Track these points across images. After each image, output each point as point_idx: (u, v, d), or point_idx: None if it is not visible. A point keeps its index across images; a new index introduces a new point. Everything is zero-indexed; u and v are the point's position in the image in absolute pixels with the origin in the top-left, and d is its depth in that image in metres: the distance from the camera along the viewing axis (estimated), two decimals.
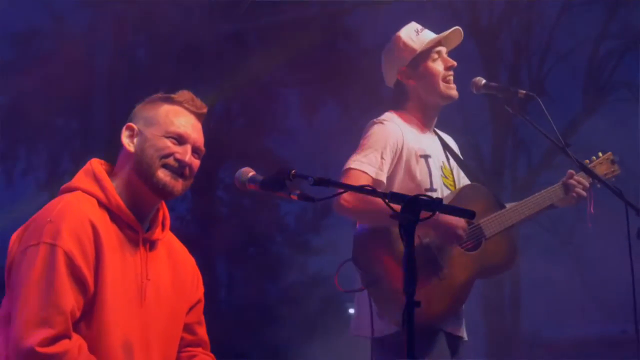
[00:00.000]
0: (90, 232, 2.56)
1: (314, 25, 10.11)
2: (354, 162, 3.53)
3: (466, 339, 3.68)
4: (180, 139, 2.72)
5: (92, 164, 2.74)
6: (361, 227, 3.54)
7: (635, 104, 11.29)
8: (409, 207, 2.41)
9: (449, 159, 3.82)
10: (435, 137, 3.81)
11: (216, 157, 10.65)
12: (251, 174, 2.66)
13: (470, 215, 2.57)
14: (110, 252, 2.60)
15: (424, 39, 3.71)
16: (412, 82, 3.70)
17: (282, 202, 11.37)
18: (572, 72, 11.81)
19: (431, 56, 3.70)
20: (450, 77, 3.71)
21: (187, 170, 2.72)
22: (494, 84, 3.72)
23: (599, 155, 3.92)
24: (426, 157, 3.66)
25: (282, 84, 11.86)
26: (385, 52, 3.81)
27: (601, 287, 10.34)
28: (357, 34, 11.40)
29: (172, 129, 2.71)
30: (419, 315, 2.32)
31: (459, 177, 3.83)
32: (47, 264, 2.49)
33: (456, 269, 3.51)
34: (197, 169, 2.76)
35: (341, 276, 3.49)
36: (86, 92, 9.75)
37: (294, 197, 2.56)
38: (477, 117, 10.83)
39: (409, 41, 3.71)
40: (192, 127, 2.75)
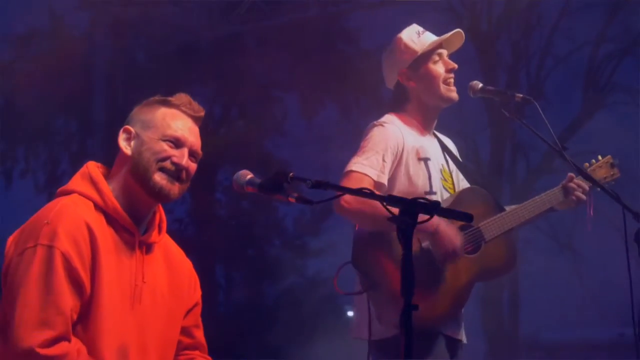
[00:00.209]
0: (86, 235, 2.56)
1: (313, 27, 10.09)
2: (355, 165, 3.53)
3: (465, 342, 3.68)
4: (177, 143, 2.72)
5: (89, 167, 2.74)
6: (360, 230, 3.54)
7: (634, 107, 11.29)
8: (407, 210, 2.42)
9: (448, 161, 3.82)
10: (434, 140, 3.81)
11: (215, 159, 10.64)
12: (249, 177, 2.66)
13: (468, 218, 2.57)
14: (106, 255, 2.60)
15: (425, 41, 3.71)
16: (412, 83, 3.70)
17: (281, 205, 11.36)
18: (571, 75, 11.80)
19: (432, 58, 3.70)
20: (450, 80, 3.71)
21: (183, 173, 2.72)
22: (491, 88, 3.72)
23: (599, 158, 3.92)
24: (426, 160, 3.66)
25: (281, 86, 11.84)
26: (385, 54, 3.80)
27: (599, 290, 10.34)
28: (357, 36, 11.39)
29: (169, 132, 2.71)
30: (418, 318, 2.32)
31: (458, 180, 3.83)
32: (44, 266, 2.49)
33: (456, 272, 3.50)
34: (194, 172, 2.76)
35: (340, 278, 3.49)
36: (85, 93, 9.74)
37: (292, 199, 2.56)
38: (476, 120, 10.82)
39: (410, 43, 3.71)
40: (189, 131, 2.75)
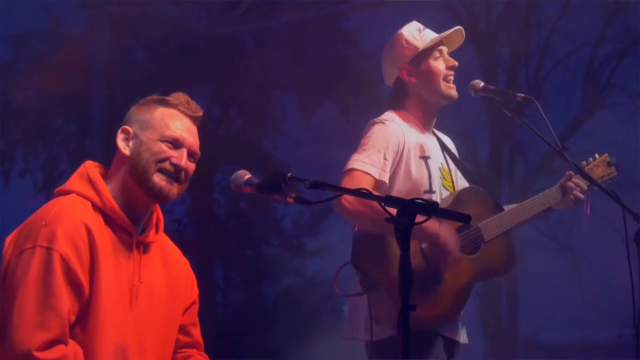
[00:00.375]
0: (85, 236, 2.56)
1: (312, 27, 10.09)
2: (356, 163, 3.51)
3: (466, 342, 3.67)
4: (175, 143, 2.71)
5: (87, 167, 2.74)
6: (360, 230, 3.53)
7: (633, 108, 11.30)
8: (405, 211, 2.41)
9: (447, 160, 3.81)
10: (433, 138, 3.81)
11: (213, 159, 10.63)
12: (247, 177, 2.65)
13: (466, 219, 2.57)
14: (104, 256, 2.59)
15: (426, 37, 3.72)
16: (413, 79, 3.70)
17: (279, 205, 11.35)
18: (571, 75, 11.80)
19: (433, 54, 3.71)
20: (450, 77, 3.71)
21: (182, 174, 2.72)
22: (492, 87, 3.72)
23: (596, 157, 3.92)
24: (426, 159, 3.65)
25: (280, 86, 11.83)
26: (386, 49, 3.80)
27: (599, 291, 10.33)
28: (356, 36, 11.39)
29: (167, 133, 2.71)
30: (418, 319, 2.31)
31: (457, 178, 3.82)
32: (43, 268, 2.48)
33: (455, 272, 3.50)
34: (193, 172, 2.76)
35: (338, 279, 3.49)
36: (84, 93, 9.73)
37: (290, 200, 2.56)
38: (475, 121, 10.81)
39: (411, 38, 3.71)
40: (187, 131, 2.74)
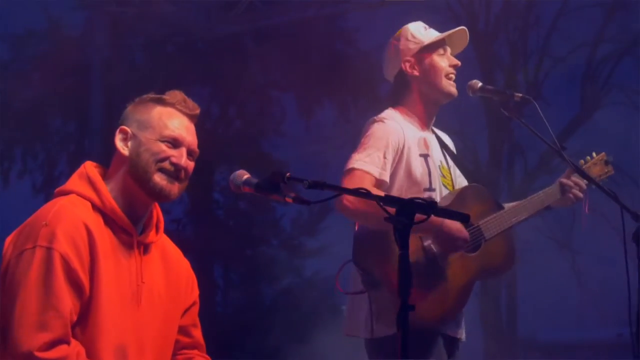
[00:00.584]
0: (85, 236, 2.56)
1: (311, 27, 10.09)
2: (356, 162, 3.51)
3: (464, 340, 3.67)
4: (175, 143, 2.71)
5: (86, 167, 2.73)
6: (362, 228, 3.52)
7: (632, 107, 11.30)
8: (404, 210, 2.41)
9: (447, 158, 3.82)
10: (433, 136, 3.81)
11: (212, 159, 10.63)
12: (246, 177, 2.65)
13: (464, 218, 2.57)
14: (104, 256, 2.59)
15: (431, 34, 3.74)
16: (415, 72, 3.70)
17: (278, 205, 11.35)
18: (569, 75, 11.81)
19: (437, 51, 3.72)
20: (452, 75, 3.73)
21: (182, 173, 2.72)
22: (490, 87, 3.73)
23: (593, 155, 3.93)
24: (425, 157, 3.66)
25: (279, 86, 11.84)
26: (390, 43, 3.80)
27: (598, 290, 10.35)
28: (355, 36, 11.39)
29: (166, 132, 2.71)
30: (420, 317, 2.32)
31: (455, 176, 3.83)
32: (44, 267, 2.48)
33: (457, 271, 3.50)
34: (192, 170, 2.76)
35: (339, 276, 3.49)
36: (83, 93, 9.73)
37: (289, 200, 2.56)
38: (474, 121, 10.82)
39: (417, 33, 3.73)
40: (186, 130, 2.74)
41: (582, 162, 3.88)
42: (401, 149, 3.59)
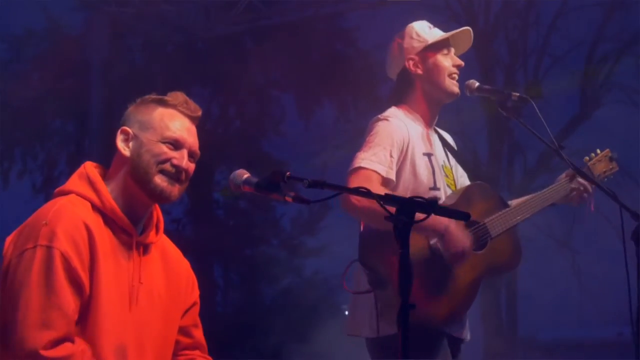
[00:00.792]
0: (85, 235, 2.56)
1: (310, 27, 10.10)
2: (363, 161, 3.49)
3: (468, 340, 3.67)
4: (176, 144, 2.70)
5: (86, 167, 2.73)
6: (368, 227, 3.51)
7: (631, 106, 11.31)
8: (404, 209, 2.42)
9: (449, 157, 3.81)
10: (436, 135, 3.81)
11: (213, 159, 10.64)
12: (246, 176, 2.65)
13: (465, 217, 2.57)
14: (104, 256, 2.59)
15: (436, 34, 3.74)
16: (419, 70, 3.70)
17: (278, 205, 11.37)
18: (569, 74, 11.81)
19: (442, 51, 3.72)
20: (455, 75, 3.72)
21: (183, 175, 2.71)
22: (487, 87, 3.72)
23: (598, 152, 3.93)
24: (429, 155, 3.65)
25: (279, 86, 11.85)
26: (394, 41, 3.80)
27: (597, 289, 10.35)
28: (354, 36, 11.40)
29: (168, 134, 2.70)
30: (428, 316, 2.31)
31: (457, 176, 3.83)
32: (45, 266, 2.48)
33: (464, 269, 3.49)
34: (193, 172, 2.75)
35: (338, 277, 3.48)
36: (82, 94, 9.73)
37: (289, 199, 2.55)
38: (473, 121, 10.82)
39: (422, 32, 3.73)
40: (187, 131, 2.74)
41: (587, 158, 3.88)
42: (406, 147, 3.58)
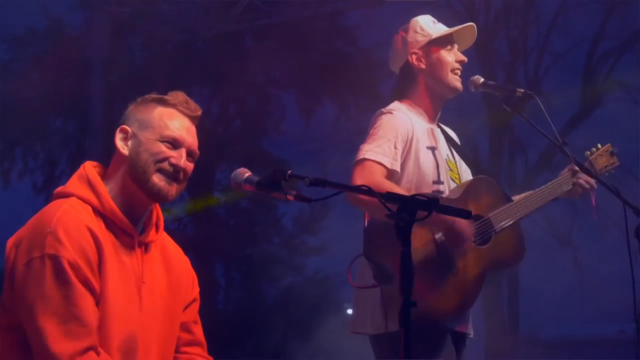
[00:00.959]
0: (91, 240, 2.54)
1: (311, 25, 10.09)
2: (367, 153, 3.48)
3: (472, 335, 3.66)
4: (175, 143, 2.69)
5: (86, 168, 2.71)
6: (373, 221, 3.49)
7: (632, 104, 11.31)
8: (405, 207, 2.41)
9: (453, 152, 3.81)
10: (439, 130, 3.81)
11: (213, 158, 10.65)
12: (247, 175, 2.64)
13: (466, 215, 2.56)
14: (110, 259, 2.58)
15: (440, 28, 3.73)
16: (422, 65, 3.69)
17: (279, 204, 11.38)
18: (569, 72, 11.82)
19: (445, 46, 3.72)
20: (458, 71, 3.72)
21: (181, 174, 2.70)
22: (492, 83, 3.72)
23: (598, 147, 3.93)
24: (433, 149, 3.65)
25: (279, 84, 11.85)
26: (398, 34, 3.79)
27: (599, 287, 10.35)
28: (355, 34, 11.40)
29: (166, 133, 2.69)
30: (433, 310, 2.30)
31: (461, 170, 3.82)
32: (57, 278, 2.46)
33: (468, 263, 3.48)
34: (191, 172, 2.74)
35: (341, 273, 3.47)
36: (83, 93, 9.73)
37: (290, 197, 2.54)
38: (474, 118, 10.82)
39: (426, 26, 3.73)
40: (186, 131, 2.73)
41: (588, 153, 3.88)
42: (410, 140, 3.57)
